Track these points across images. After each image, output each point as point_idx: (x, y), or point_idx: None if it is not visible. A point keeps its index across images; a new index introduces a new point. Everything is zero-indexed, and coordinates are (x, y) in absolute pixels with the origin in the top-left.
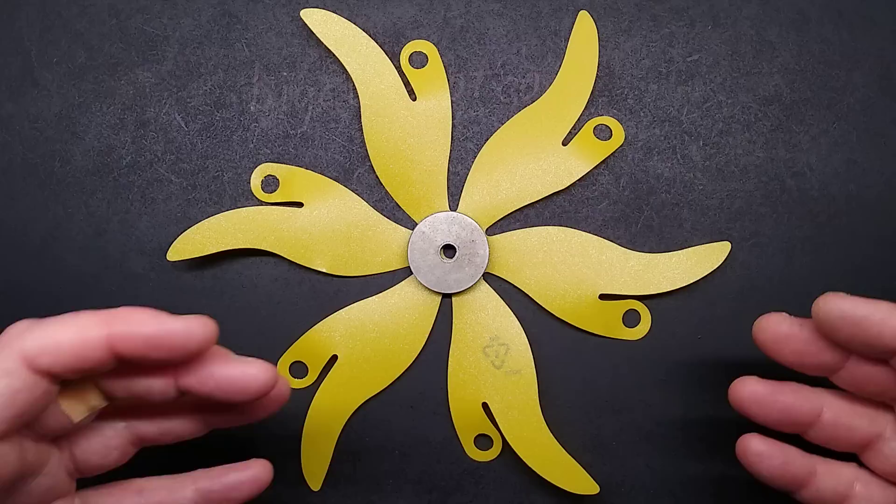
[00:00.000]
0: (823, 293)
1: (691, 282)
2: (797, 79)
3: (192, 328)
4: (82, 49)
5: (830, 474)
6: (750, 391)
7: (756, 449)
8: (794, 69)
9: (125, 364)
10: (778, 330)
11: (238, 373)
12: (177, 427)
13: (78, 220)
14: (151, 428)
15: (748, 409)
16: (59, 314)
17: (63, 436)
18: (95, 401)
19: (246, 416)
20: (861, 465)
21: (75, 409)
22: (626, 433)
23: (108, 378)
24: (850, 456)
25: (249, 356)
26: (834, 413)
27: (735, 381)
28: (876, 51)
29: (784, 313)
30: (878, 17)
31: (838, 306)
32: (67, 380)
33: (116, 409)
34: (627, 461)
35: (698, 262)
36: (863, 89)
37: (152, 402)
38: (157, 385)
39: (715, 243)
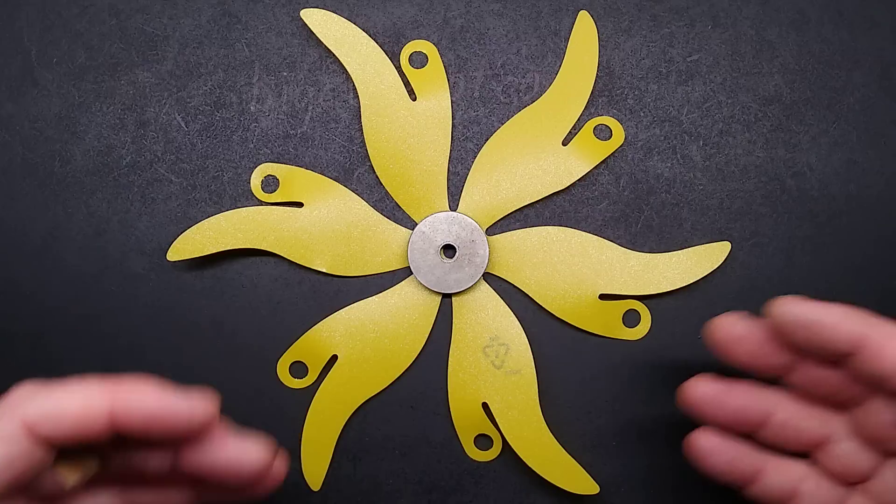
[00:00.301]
0: (779, 296)
1: (691, 282)
2: (797, 79)
3: (195, 409)
4: (82, 49)
5: (779, 471)
6: (701, 393)
7: (704, 445)
8: (794, 69)
9: (124, 437)
10: (731, 331)
11: (234, 454)
12: (172, 500)
13: (78, 220)
14: (146, 499)
15: (699, 410)
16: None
17: (55, 501)
18: (90, 465)
19: (240, 494)
20: (812, 463)
21: (69, 473)
22: (626, 433)
23: (107, 447)
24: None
25: (251, 440)
26: (785, 414)
27: (687, 382)
28: (876, 51)
29: (738, 314)
30: (878, 17)
31: (792, 310)
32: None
33: (111, 477)
34: (627, 461)
35: (698, 262)
36: (863, 89)
37: (147, 471)
38: (154, 457)
39: (715, 243)
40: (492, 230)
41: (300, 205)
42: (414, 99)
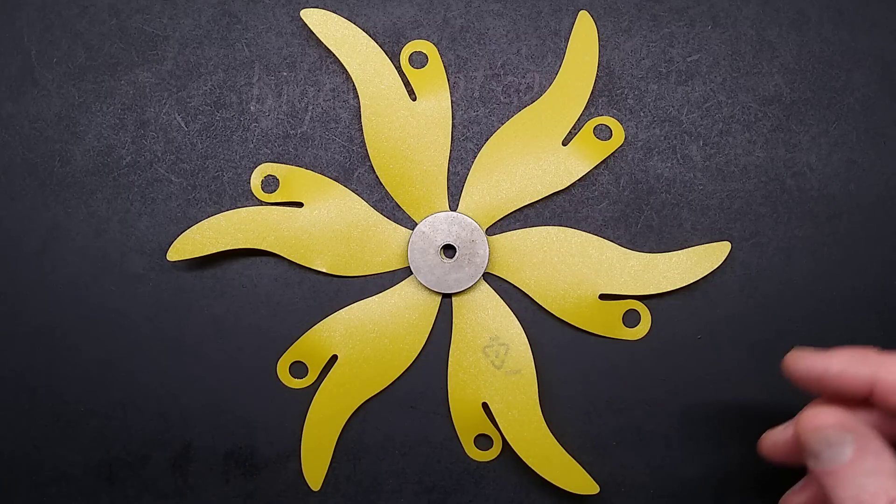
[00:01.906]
0: (791, 351)
1: (691, 282)
2: (797, 79)
3: None
4: (82, 49)
5: None
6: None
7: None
8: (794, 69)
9: None
10: (777, 448)
11: None
12: None
13: (78, 220)
14: None
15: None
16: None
17: None
18: None
19: None
20: None
21: None
22: (626, 433)
23: None
24: None
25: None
26: None
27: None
28: (876, 51)
29: (772, 430)
30: (878, 17)
31: (798, 366)
32: None
33: None
34: (627, 461)
35: (698, 262)
36: (863, 89)
37: None
38: None
39: (715, 243)
40: (492, 230)
41: (300, 205)
42: (414, 99)
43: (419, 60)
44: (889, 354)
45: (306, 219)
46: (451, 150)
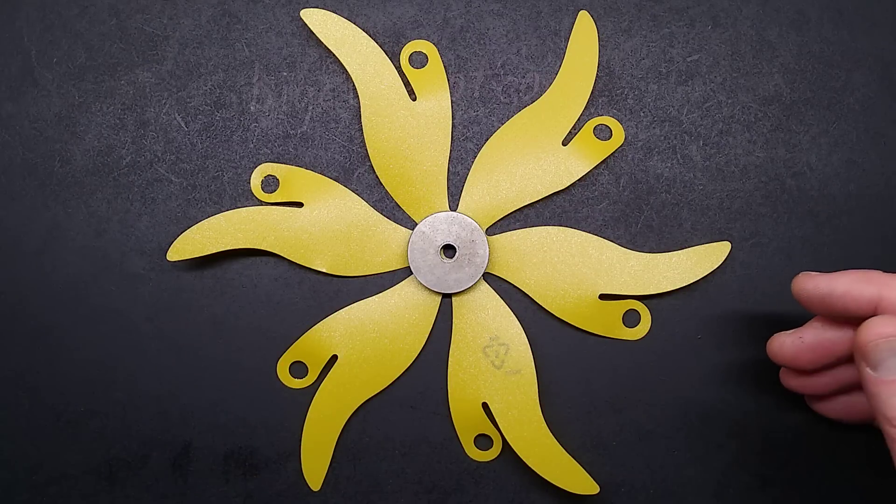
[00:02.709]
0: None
1: (691, 282)
2: (797, 79)
3: None
4: (82, 49)
5: None
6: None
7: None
8: (794, 69)
9: None
10: (783, 350)
11: None
12: None
13: (78, 220)
14: None
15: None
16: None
17: None
18: None
19: None
20: None
21: None
22: (626, 433)
23: None
24: None
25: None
26: None
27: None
28: (876, 51)
29: (781, 333)
30: (878, 17)
31: (805, 286)
32: None
33: None
34: (627, 461)
35: (698, 262)
36: (863, 89)
37: None
38: None
39: (715, 243)
40: (492, 230)
41: (300, 205)
42: (414, 99)
43: (419, 60)
44: (894, 275)
45: (306, 219)
46: (451, 150)
